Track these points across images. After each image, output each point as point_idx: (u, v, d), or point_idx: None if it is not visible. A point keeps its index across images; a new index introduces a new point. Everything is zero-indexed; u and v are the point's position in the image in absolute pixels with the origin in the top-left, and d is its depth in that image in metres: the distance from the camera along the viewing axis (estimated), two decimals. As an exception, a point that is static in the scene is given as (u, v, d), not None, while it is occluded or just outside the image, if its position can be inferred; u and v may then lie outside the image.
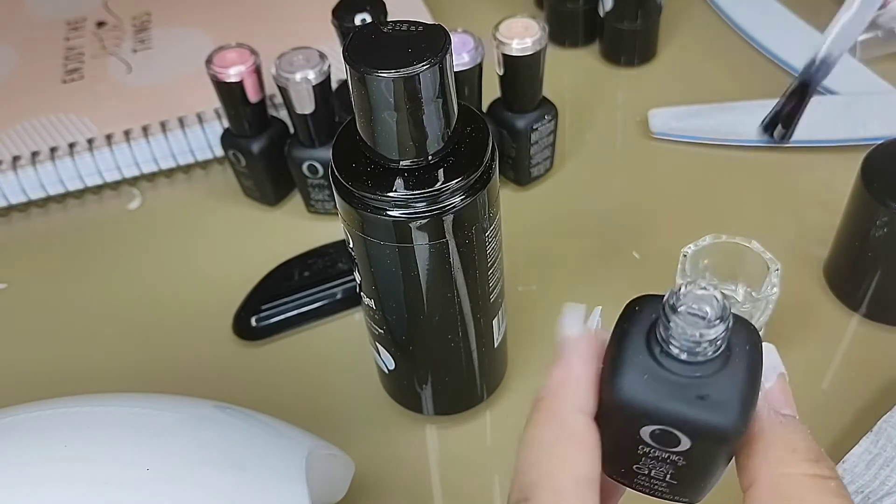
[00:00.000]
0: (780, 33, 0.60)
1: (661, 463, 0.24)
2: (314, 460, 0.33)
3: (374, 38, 0.29)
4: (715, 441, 0.22)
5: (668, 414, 0.22)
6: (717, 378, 0.22)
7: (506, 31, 0.45)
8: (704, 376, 0.22)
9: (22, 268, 0.51)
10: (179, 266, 0.50)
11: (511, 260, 0.39)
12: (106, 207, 0.54)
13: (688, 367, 0.22)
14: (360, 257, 0.33)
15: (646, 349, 0.22)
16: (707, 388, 0.22)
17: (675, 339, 0.22)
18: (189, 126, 0.53)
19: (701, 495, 0.25)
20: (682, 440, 0.22)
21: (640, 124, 0.55)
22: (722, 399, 0.21)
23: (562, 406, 0.23)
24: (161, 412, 0.32)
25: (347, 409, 0.42)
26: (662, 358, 0.22)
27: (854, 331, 0.43)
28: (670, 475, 0.24)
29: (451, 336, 0.36)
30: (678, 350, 0.22)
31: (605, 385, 0.23)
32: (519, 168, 0.51)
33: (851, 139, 0.51)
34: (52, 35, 0.62)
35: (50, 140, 0.53)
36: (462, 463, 0.40)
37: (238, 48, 0.46)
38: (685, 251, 0.40)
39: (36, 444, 0.29)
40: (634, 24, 0.57)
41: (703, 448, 0.22)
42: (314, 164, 0.48)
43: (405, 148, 0.30)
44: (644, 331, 0.22)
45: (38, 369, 0.45)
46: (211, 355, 0.45)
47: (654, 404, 0.22)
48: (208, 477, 0.29)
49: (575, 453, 0.23)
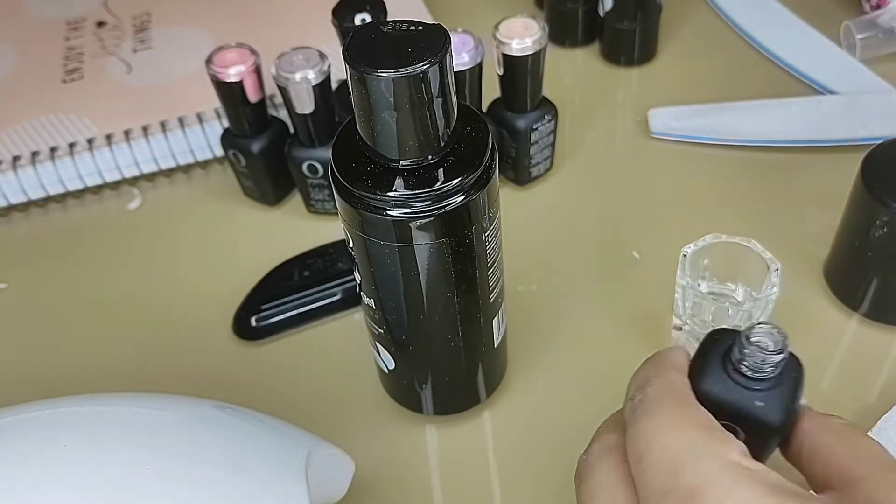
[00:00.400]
0: (780, 33, 0.60)
1: None
2: (314, 460, 0.33)
3: (374, 38, 0.29)
4: (764, 434, 0.30)
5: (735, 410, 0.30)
6: (771, 392, 0.30)
7: (506, 31, 0.45)
8: (762, 389, 0.30)
9: (22, 268, 0.51)
10: (179, 266, 0.50)
11: (511, 260, 0.39)
12: (106, 207, 0.54)
13: (751, 381, 0.30)
14: (360, 257, 0.33)
15: (721, 366, 0.30)
16: (763, 399, 0.30)
17: (746, 361, 0.29)
18: (189, 126, 0.53)
19: None
20: (740, 434, 0.30)
21: (639, 124, 0.55)
22: (772, 406, 0.30)
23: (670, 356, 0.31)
24: (161, 412, 0.32)
25: (347, 409, 0.42)
26: (733, 374, 0.30)
27: (854, 331, 0.43)
28: None
29: (451, 336, 0.36)
30: (746, 369, 0.30)
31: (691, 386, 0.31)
32: (519, 168, 0.51)
33: (851, 139, 0.51)
34: (52, 35, 0.62)
35: (50, 140, 0.53)
36: (462, 463, 0.40)
37: (238, 48, 0.46)
38: (685, 251, 0.40)
39: (36, 444, 0.29)
40: (634, 23, 0.57)
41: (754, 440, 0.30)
42: (314, 164, 0.48)
43: (405, 148, 0.30)
44: (721, 353, 0.30)
45: (38, 369, 0.45)
46: (211, 355, 0.45)
47: (726, 402, 0.30)
48: (208, 477, 0.29)
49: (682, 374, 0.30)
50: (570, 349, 0.44)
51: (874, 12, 0.58)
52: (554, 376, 0.43)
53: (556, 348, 0.44)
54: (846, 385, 0.41)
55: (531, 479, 0.39)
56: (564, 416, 0.41)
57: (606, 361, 0.43)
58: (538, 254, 0.48)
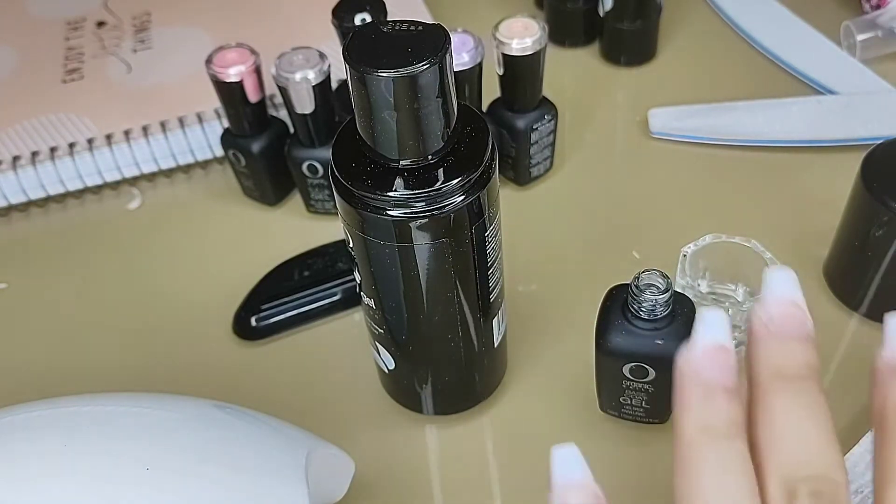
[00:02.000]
0: (780, 33, 0.60)
1: (638, 392, 0.37)
2: (314, 460, 0.33)
3: (374, 38, 0.29)
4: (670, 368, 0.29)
5: (640, 354, 0.35)
6: (668, 329, 0.35)
7: (506, 30, 0.45)
8: (659, 328, 0.35)
9: (22, 268, 0.51)
10: (179, 266, 0.50)
11: (511, 260, 0.39)
12: (106, 207, 0.54)
13: (649, 323, 0.35)
14: (360, 257, 0.33)
15: (622, 316, 0.35)
16: (662, 336, 0.35)
17: (640, 307, 0.34)
18: (189, 126, 0.53)
19: (666, 416, 0.38)
20: (650, 372, 0.35)
21: (640, 124, 0.55)
22: (672, 342, 0.34)
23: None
24: (161, 412, 0.32)
25: (347, 409, 0.42)
26: (633, 320, 0.35)
27: (854, 331, 0.43)
28: (644, 401, 0.38)
29: (451, 336, 0.36)
30: (642, 313, 0.34)
31: (597, 342, 0.36)
32: (519, 168, 0.51)
33: (851, 139, 0.51)
34: (52, 35, 0.62)
35: (50, 140, 0.53)
36: (462, 463, 0.40)
37: (238, 48, 0.46)
38: (685, 251, 0.40)
39: (36, 444, 0.29)
40: (634, 24, 0.57)
41: (663, 375, 0.35)
42: (314, 164, 0.48)
43: (405, 148, 0.30)
44: (619, 306, 0.35)
45: (38, 369, 0.45)
46: (211, 355, 0.45)
47: (630, 348, 0.35)
48: (208, 476, 0.29)
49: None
50: (570, 349, 0.44)
51: (874, 12, 0.58)
52: (554, 376, 0.43)
53: (556, 348, 0.44)
54: (846, 385, 0.41)
55: (531, 479, 0.39)
56: (564, 416, 0.41)
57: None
58: (538, 254, 0.48)
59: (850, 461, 0.36)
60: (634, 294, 0.34)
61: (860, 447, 0.37)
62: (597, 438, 0.40)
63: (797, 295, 0.26)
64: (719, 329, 0.26)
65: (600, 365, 0.37)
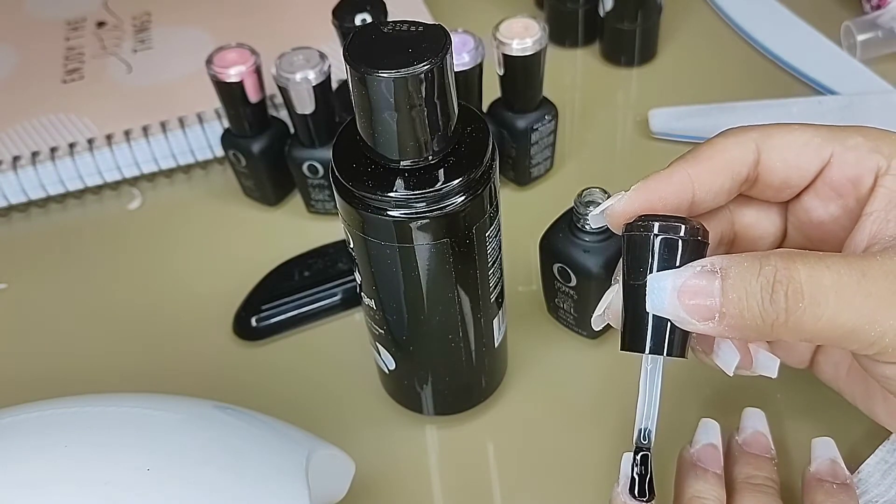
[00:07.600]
0: (780, 33, 0.60)
1: (566, 297, 0.41)
2: (314, 460, 0.33)
3: (374, 38, 0.29)
4: (588, 278, 0.39)
5: (565, 256, 0.40)
6: (599, 245, 0.39)
7: (506, 31, 0.45)
8: (592, 242, 0.39)
9: (22, 268, 0.51)
10: (179, 266, 0.50)
11: (511, 260, 0.39)
12: (106, 207, 0.54)
13: (586, 234, 0.39)
14: (361, 257, 0.33)
15: (567, 227, 0.40)
16: (590, 248, 0.39)
17: (580, 219, 0.39)
18: (189, 126, 0.53)
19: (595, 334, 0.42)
20: (572, 277, 0.40)
21: (640, 124, 0.55)
22: (596, 256, 0.39)
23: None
24: (161, 412, 0.32)
25: (347, 409, 0.42)
26: (575, 231, 0.39)
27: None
28: (573, 308, 0.42)
29: (452, 336, 0.36)
30: (583, 224, 0.39)
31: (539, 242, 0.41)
32: (519, 168, 0.51)
33: (851, 139, 0.51)
34: (52, 35, 0.62)
35: (50, 140, 0.53)
36: (462, 463, 0.40)
37: (238, 48, 0.46)
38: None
39: (36, 444, 0.29)
40: (634, 24, 0.57)
41: (582, 283, 0.40)
42: (314, 164, 0.48)
43: (405, 148, 0.30)
44: (568, 220, 0.40)
45: (38, 369, 0.45)
46: (211, 355, 0.45)
47: (558, 250, 0.40)
48: (208, 477, 0.29)
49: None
50: (570, 349, 0.44)
51: (874, 12, 0.58)
52: (554, 376, 0.43)
53: (556, 348, 0.44)
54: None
55: (531, 480, 0.39)
56: (564, 416, 0.41)
57: (607, 361, 0.43)
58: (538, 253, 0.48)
59: (864, 472, 0.36)
60: (577, 208, 0.39)
61: (875, 457, 0.37)
62: (597, 437, 0.40)
63: (765, 427, 0.36)
64: (713, 434, 0.35)
65: (541, 264, 0.42)
